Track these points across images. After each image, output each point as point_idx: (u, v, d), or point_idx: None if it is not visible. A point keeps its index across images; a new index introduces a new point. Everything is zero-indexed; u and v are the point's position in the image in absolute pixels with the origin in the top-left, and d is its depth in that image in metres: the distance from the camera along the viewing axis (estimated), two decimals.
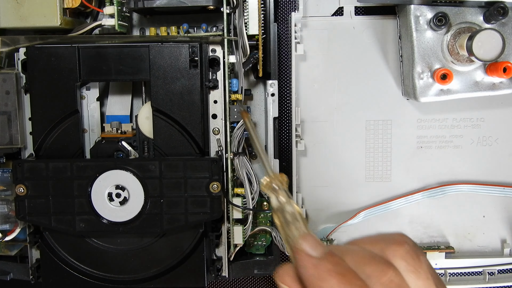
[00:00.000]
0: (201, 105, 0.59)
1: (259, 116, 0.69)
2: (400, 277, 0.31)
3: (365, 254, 0.32)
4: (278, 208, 0.38)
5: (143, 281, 0.61)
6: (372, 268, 0.31)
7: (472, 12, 0.60)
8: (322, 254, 0.32)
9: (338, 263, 0.31)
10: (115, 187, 0.58)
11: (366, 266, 0.32)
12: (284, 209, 0.38)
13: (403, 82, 0.66)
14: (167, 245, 0.61)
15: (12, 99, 0.60)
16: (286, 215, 0.37)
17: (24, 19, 0.59)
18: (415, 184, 0.70)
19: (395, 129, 0.69)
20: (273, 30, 0.62)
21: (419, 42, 0.60)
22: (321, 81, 0.68)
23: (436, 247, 0.71)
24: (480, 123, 0.69)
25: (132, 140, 0.62)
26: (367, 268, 0.31)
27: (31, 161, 0.58)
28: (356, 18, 0.67)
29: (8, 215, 0.62)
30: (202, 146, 0.60)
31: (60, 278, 0.61)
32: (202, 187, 0.58)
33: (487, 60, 0.57)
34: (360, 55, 0.68)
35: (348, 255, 0.33)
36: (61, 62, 0.58)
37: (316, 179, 0.70)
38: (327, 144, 0.70)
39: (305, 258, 0.32)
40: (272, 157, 0.64)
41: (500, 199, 0.70)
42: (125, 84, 0.66)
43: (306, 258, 0.32)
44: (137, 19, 0.68)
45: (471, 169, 0.70)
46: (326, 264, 0.31)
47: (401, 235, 0.35)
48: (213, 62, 0.61)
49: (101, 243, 0.61)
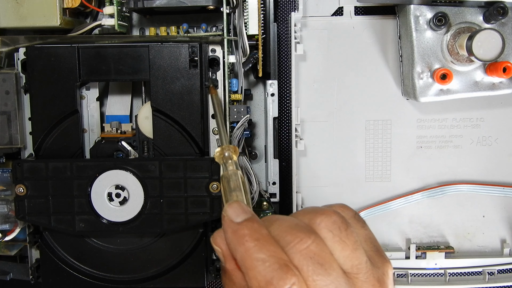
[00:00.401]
0: (201, 105, 0.59)
1: (259, 116, 0.69)
2: (320, 246, 0.32)
3: (291, 223, 0.34)
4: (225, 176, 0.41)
5: (143, 281, 0.61)
6: (292, 236, 0.33)
7: (472, 12, 0.60)
8: (242, 220, 0.34)
9: (255, 230, 0.33)
10: (114, 187, 0.58)
11: (287, 234, 0.33)
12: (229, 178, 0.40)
13: (403, 82, 0.66)
14: (167, 245, 0.61)
15: (12, 99, 0.60)
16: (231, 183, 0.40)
17: (24, 19, 0.59)
18: (414, 184, 0.70)
19: (395, 129, 0.69)
20: (273, 30, 0.62)
21: (419, 42, 0.60)
22: (321, 81, 0.68)
23: (436, 247, 0.71)
24: (479, 123, 0.69)
25: (132, 140, 0.62)
26: (287, 236, 0.33)
27: (31, 161, 0.58)
28: (356, 18, 0.67)
29: (7, 215, 0.62)
30: (202, 146, 0.60)
31: (60, 278, 0.61)
32: (202, 187, 0.58)
33: (487, 60, 0.57)
34: (360, 55, 0.68)
35: (275, 223, 0.34)
36: (61, 62, 0.58)
37: (316, 179, 0.70)
38: (327, 144, 0.70)
39: (227, 223, 0.35)
40: (272, 157, 0.64)
41: (500, 199, 0.70)
42: (125, 84, 0.66)
43: (228, 223, 0.35)
44: (136, 19, 0.68)
45: (471, 169, 0.70)
46: (243, 229, 0.33)
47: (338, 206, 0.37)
48: (213, 62, 0.61)
49: (101, 243, 0.61)
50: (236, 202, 0.36)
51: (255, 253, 0.32)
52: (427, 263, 0.70)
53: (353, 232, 0.34)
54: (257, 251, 0.32)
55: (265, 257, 0.32)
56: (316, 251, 0.32)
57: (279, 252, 0.32)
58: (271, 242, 0.32)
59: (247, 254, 0.32)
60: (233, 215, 0.35)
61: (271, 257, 0.32)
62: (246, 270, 0.32)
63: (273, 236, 0.33)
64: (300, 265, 0.32)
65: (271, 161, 0.64)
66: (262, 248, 0.32)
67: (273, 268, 0.31)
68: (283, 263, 0.31)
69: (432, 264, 0.70)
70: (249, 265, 0.32)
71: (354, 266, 0.33)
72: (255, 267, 0.32)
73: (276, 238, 0.33)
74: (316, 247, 0.32)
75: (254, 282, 0.31)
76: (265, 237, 0.33)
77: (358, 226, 0.36)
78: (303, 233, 0.33)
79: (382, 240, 0.71)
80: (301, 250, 0.32)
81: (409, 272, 0.70)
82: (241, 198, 0.39)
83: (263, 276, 0.31)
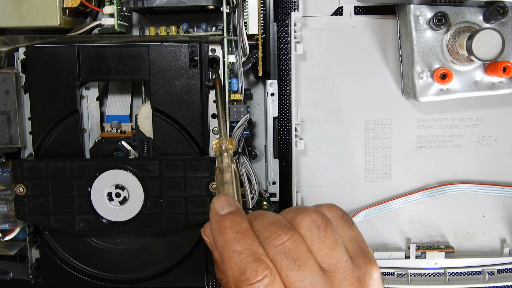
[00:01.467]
0: (200, 105, 0.59)
1: (259, 116, 0.69)
2: (296, 243, 0.34)
3: (272, 220, 0.36)
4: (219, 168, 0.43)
5: (143, 280, 0.61)
6: (271, 232, 0.34)
7: (472, 12, 0.60)
8: (226, 212, 0.37)
9: (236, 223, 0.35)
10: (114, 186, 0.58)
11: (267, 229, 0.35)
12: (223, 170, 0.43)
13: (403, 81, 0.66)
14: (167, 245, 0.61)
15: (12, 99, 0.60)
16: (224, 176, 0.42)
17: (24, 19, 0.59)
18: (414, 183, 0.70)
19: (394, 128, 0.69)
20: (272, 30, 0.62)
21: (418, 41, 0.60)
22: (321, 80, 0.68)
23: (435, 247, 0.71)
24: (479, 122, 0.69)
25: (131, 140, 0.62)
26: (266, 231, 0.35)
27: (31, 161, 0.58)
28: (356, 18, 0.67)
29: (7, 215, 0.62)
30: (202, 146, 0.60)
31: (60, 277, 0.61)
32: (202, 187, 0.58)
33: (487, 60, 0.57)
34: (360, 55, 0.68)
35: (259, 218, 0.36)
36: (61, 62, 0.58)
37: (316, 178, 0.70)
38: (327, 144, 0.70)
39: (212, 214, 0.37)
40: (272, 157, 0.64)
41: (499, 198, 0.70)
42: (125, 84, 0.66)
43: (213, 214, 0.37)
44: (136, 19, 0.68)
45: (470, 168, 0.70)
46: (225, 221, 0.36)
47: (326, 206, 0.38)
48: (213, 62, 0.61)
49: (100, 243, 0.61)
50: (224, 196, 0.38)
51: (233, 245, 0.34)
52: (427, 262, 0.71)
53: (334, 232, 0.35)
54: (235, 243, 0.34)
55: (241, 249, 0.33)
56: (291, 247, 0.34)
57: (255, 245, 0.34)
58: (250, 235, 0.34)
59: (226, 245, 0.34)
60: (219, 207, 0.37)
61: (247, 249, 0.33)
62: (223, 261, 0.34)
63: (254, 230, 0.35)
64: (274, 259, 0.33)
65: (271, 160, 0.64)
66: (240, 240, 0.34)
67: (248, 260, 0.33)
68: (258, 256, 0.33)
69: (432, 264, 0.71)
70: (226, 256, 0.34)
71: (332, 264, 0.34)
72: (231, 258, 0.34)
73: (257, 233, 0.35)
74: (292, 244, 0.34)
75: (229, 272, 0.33)
76: (244, 231, 0.35)
77: (345, 226, 0.37)
78: (281, 230, 0.34)
79: (382, 240, 0.71)
80: (276, 245, 0.34)
81: (409, 271, 0.70)
82: (231, 191, 0.41)
83: (238, 267, 0.33)
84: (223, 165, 0.43)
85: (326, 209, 0.38)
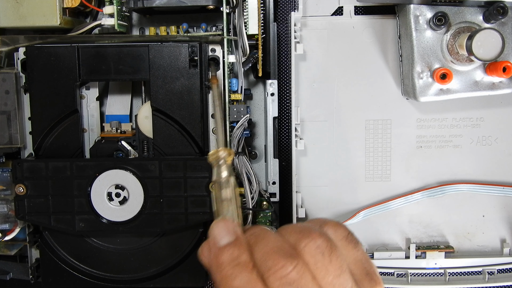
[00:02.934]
0: (200, 105, 0.59)
1: (258, 116, 0.69)
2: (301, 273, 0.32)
3: (275, 246, 0.34)
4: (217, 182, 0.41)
5: (143, 280, 0.61)
6: (274, 261, 0.33)
7: (472, 12, 0.60)
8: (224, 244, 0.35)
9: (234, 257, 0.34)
10: (114, 186, 0.58)
11: (270, 258, 0.33)
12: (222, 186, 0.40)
13: (403, 81, 0.66)
14: (167, 245, 0.61)
15: (12, 99, 0.60)
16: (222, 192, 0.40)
17: (24, 19, 0.59)
18: (414, 183, 0.70)
19: (394, 128, 0.69)
20: (272, 30, 0.62)
21: (418, 41, 0.60)
22: (321, 80, 0.68)
23: (435, 247, 0.71)
24: (479, 122, 0.69)
25: (131, 140, 0.62)
26: (269, 261, 0.33)
27: (31, 161, 0.58)
28: (356, 18, 0.67)
29: (7, 215, 0.62)
30: (202, 146, 0.60)
31: (60, 277, 0.61)
32: (201, 187, 0.58)
33: (487, 60, 0.57)
34: (360, 55, 0.68)
35: (260, 243, 0.34)
36: (61, 62, 0.58)
37: (316, 178, 0.70)
38: (327, 144, 0.70)
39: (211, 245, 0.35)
40: (272, 157, 0.64)
41: (499, 198, 0.70)
42: (125, 84, 0.66)
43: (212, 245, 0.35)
44: (136, 19, 0.68)
45: (470, 168, 0.70)
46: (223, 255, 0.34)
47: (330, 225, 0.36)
48: (213, 62, 0.61)
49: (100, 243, 0.61)
50: (223, 221, 0.36)
51: (230, 281, 0.33)
52: (427, 262, 0.70)
53: (339, 257, 0.34)
54: (232, 279, 0.33)
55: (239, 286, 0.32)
56: (295, 278, 0.32)
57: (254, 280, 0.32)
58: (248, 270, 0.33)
59: (223, 281, 0.33)
60: (217, 236, 0.35)
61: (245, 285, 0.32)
62: None
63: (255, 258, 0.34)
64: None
65: (271, 160, 0.64)
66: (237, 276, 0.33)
67: None
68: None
69: (432, 264, 0.70)
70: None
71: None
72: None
73: (258, 262, 0.33)
74: (296, 275, 0.32)
75: None
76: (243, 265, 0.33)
77: (349, 247, 0.36)
78: (285, 258, 0.33)
79: (382, 240, 0.71)
80: (281, 277, 0.32)
81: (409, 271, 0.70)
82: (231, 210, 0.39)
83: None
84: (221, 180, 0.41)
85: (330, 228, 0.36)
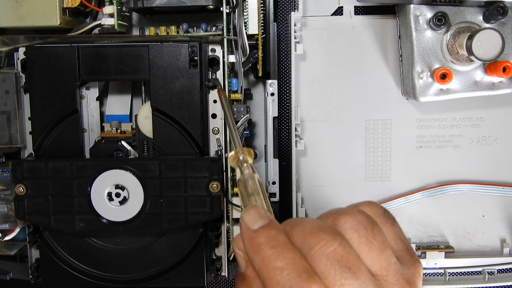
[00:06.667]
0: (200, 105, 0.59)
1: (258, 116, 0.69)
2: (347, 248, 0.31)
3: (314, 225, 0.32)
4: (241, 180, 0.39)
5: (143, 280, 0.61)
6: (317, 238, 0.31)
7: (472, 12, 0.60)
8: (258, 227, 0.33)
9: (271, 237, 0.32)
10: (114, 186, 0.58)
11: (312, 237, 0.31)
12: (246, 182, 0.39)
13: (403, 81, 0.66)
14: (167, 245, 0.61)
15: (12, 99, 0.60)
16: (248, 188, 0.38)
17: (24, 19, 0.59)
18: (414, 183, 0.70)
19: (394, 128, 0.69)
20: (272, 30, 0.62)
21: (418, 41, 0.60)
22: (321, 80, 0.68)
23: (435, 247, 0.71)
24: (479, 122, 0.69)
25: (131, 140, 0.62)
26: (312, 239, 0.31)
27: (31, 161, 0.58)
28: (356, 18, 0.67)
29: (7, 215, 0.62)
30: (202, 146, 0.60)
31: (60, 277, 0.61)
32: (201, 187, 0.58)
33: (487, 60, 0.57)
34: (360, 55, 0.68)
35: (297, 227, 0.33)
36: (61, 62, 0.58)
37: (316, 178, 0.70)
38: (326, 144, 0.70)
39: (244, 231, 0.34)
40: (272, 157, 0.64)
41: (499, 198, 0.70)
42: (125, 84, 0.66)
43: (244, 231, 0.33)
44: (136, 19, 0.68)
45: (470, 168, 0.70)
46: (259, 237, 0.32)
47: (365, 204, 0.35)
48: (213, 62, 0.61)
49: (100, 243, 0.61)
50: (253, 208, 0.35)
51: (272, 262, 0.31)
52: (427, 262, 0.70)
53: (380, 232, 0.32)
54: (274, 260, 0.31)
55: (282, 265, 0.30)
56: (343, 253, 0.30)
57: (297, 258, 0.31)
58: (290, 248, 0.31)
59: (264, 263, 0.31)
60: (250, 222, 0.34)
61: (289, 264, 0.30)
62: (264, 280, 0.31)
63: (295, 241, 0.32)
64: (326, 269, 0.30)
65: (271, 160, 0.64)
66: (279, 256, 0.31)
67: (292, 276, 0.30)
68: (303, 270, 0.30)
69: (432, 264, 0.70)
70: (266, 275, 0.31)
71: (383, 268, 0.31)
72: (273, 276, 0.30)
73: (299, 243, 0.32)
74: (342, 250, 0.30)
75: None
76: (283, 244, 0.31)
77: (388, 224, 0.34)
78: (328, 235, 0.31)
79: None
80: (327, 253, 0.30)
81: None
82: (259, 203, 0.37)
83: (282, 285, 0.30)
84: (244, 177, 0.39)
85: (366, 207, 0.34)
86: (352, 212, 0.33)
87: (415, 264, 0.33)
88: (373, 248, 0.31)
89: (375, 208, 0.35)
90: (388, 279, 0.31)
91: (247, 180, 0.39)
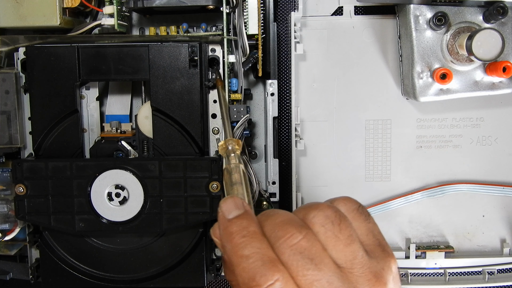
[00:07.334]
0: (200, 105, 0.59)
1: (258, 116, 0.69)
2: (311, 241, 0.32)
3: (284, 218, 0.34)
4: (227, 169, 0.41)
5: (143, 280, 0.61)
6: (284, 231, 0.33)
7: (472, 12, 0.60)
8: (233, 216, 0.35)
9: (243, 227, 0.34)
10: (114, 186, 0.58)
11: (280, 229, 0.33)
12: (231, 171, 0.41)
13: (403, 81, 0.66)
14: (167, 245, 0.61)
15: (12, 99, 0.60)
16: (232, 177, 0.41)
17: (24, 19, 0.59)
18: (414, 183, 0.70)
19: (394, 128, 0.69)
20: (272, 30, 0.62)
21: (418, 41, 0.60)
22: (321, 80, 0.68)
23: (435, 247, 0.71)
24: (479, 122, 0.69)
25: (131, 140, 0.62)
26: (279, 231, 0.33)
27: (31, 161, 0.58)
28: (356, 18, 0.67)
29: (7, 215, 0.62)
30: (202, 146, 0.60)
31: (60, 277, 0.61)
32: (201, 187, 0.58)
33: (487, 60, 0.57)
34: (360, 55, 0.68)
35: (270, 218, 0.35)
36: (61, 62, 0.58)
37: (316, 178, 0.70)
38: (326, 144, 0.70)
39: (220, 219, 0.36)
40: (272, 157, 0.64)
41: (499, 198, 0.70)
42: (125, 84, 0.66)
43: (220, 219, 0.36)
44: (136, 19, 0.68)
45: (470, 168, 0.70)
46: (232, 226, 0.34)
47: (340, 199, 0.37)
48: (213, 62, 0.61)
49: (100, 243, 0.61)
50: (231, 198, 0.37)
51: (240, 250, 0.33)
52: (427, 262, 0.71)
53: (348, 227, 0.34)
54: (243, 248, 0.33)
55: (249, 254, 0.32)
56: (306, 246, 0.32)
57: (264, 248, 0.32)
58: (258, 239, 0.33)
59: (234, 251, 0.33)
60: (226, 211, 0.36)
61: (255, 253, 0.32)
62: (233, 267, 0.33)
63: (265, 231, 0.34)
64: (289, 260, 0.32)
65: (271, 160, 0.64)
66: (247, 245, 0.33)
67: (256, 264, 0.32)
68: (268, 259, 0.32)
69: (432, 264, 0.70)
70: (235, 262, 0.33)
71: (348, 260, 0.33)
72: (240, 263, 0.32)
73: (268, 234, 0.34)
74: (306, 242, 0.32)
75: (239, 279, 0.32)
76: (252, 234, 0.33)
77: (360, 219, 0.36)
78: (295, 228, 0.33)
79: None
80: (291, 245, 0.32)
81: (409, 271, 0.70)
82: (241, 192, 0.39)
83: (247, 272, 0.32)
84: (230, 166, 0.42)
85: (340, 203, 0.36)
86: (322, 207, 0.35)
87: (386, 259, 0.34)
88: (338, 241, 0.33)
89: (349, 203, 0.36)
90: (353, 271, 0.32)
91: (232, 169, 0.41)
